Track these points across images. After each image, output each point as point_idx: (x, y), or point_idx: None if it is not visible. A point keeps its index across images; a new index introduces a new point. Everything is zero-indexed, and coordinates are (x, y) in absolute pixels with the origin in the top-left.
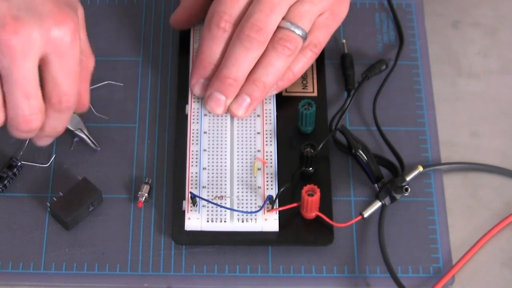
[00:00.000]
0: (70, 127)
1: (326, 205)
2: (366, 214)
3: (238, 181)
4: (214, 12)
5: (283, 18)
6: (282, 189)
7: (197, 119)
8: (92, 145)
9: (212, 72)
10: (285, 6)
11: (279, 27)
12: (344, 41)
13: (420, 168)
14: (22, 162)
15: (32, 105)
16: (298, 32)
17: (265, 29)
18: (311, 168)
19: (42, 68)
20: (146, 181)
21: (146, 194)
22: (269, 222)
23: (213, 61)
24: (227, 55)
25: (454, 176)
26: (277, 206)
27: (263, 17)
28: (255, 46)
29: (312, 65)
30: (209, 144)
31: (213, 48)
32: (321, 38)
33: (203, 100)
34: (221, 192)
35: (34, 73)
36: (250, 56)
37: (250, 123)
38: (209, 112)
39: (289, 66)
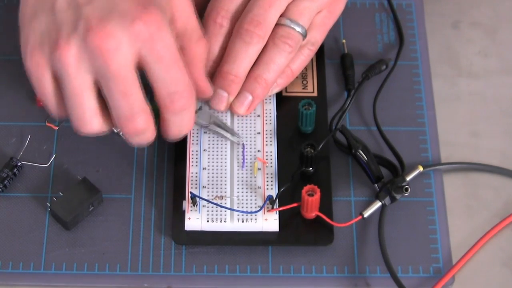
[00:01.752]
0: (202, 122)
1: (326, 205)
2: (366, 214)
3: (238, 181)
4: (212, 8)
5: (282, 15)
6: (282, 189)
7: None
8: (232, 138)
9: (212, 70)
10: (284, 3)
11: (279, 24)
12: (344, 41)
13: (420, 168)
14: (22, 162)
15: (131, 103)
16: (298, 29)
17: (264, 23)
18: (311, 168)
19: (145, 73)
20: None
21: None
22: (269, 222)
23: (213, 58)
24: (228, 51)
25: (454, 176)
26: (277, 206)
27: (262, 12)
28: (255, 40)
29: (312, 65)
30: (209, 144)
31: (212, 45)
32: (318, 37)
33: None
34: (221, 192)
35: (129, 71)
36: (250, 51)
37: (250, 123)
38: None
39: (288, 64)
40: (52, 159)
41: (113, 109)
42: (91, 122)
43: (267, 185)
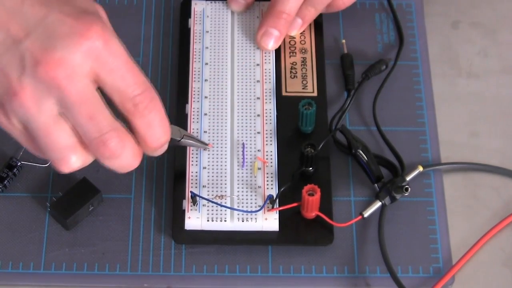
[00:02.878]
0: (175, 139)
1: (326, 205)
2: (366, 214)
3: (238, 180)
4: None
5: None
6: (282, 189)
7: (197, 118)
8: (203, 146)
9: None
10: None
11: None
12: (344, 41)
13: (420, 168)
14: (22, 162)
15: (99, 124)
16: None
17: None
18: (311, 168)
19: (100, 85)
20: None
21: None
22: (269, 222)
23: None
24: None
25: (454, 176)
26: (277, 206)
27: None
28: None
29: (312, 65)
30: (208, 143)
31: None
32: None
33: (203, 99)
34: (221, 191)
35: (90, 92)
36: None
37: (250, 123)
38: (209, 111)
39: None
40: None
41: (83, 136)
42: (70, 158)
43: (267, 184)
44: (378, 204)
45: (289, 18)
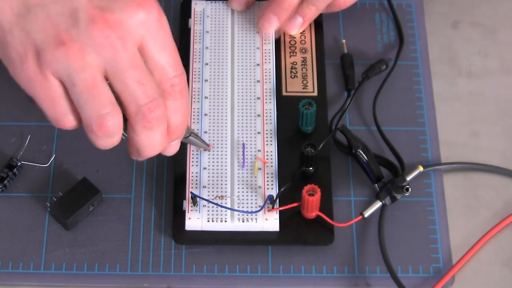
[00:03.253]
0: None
1: (326, 205)
2: (367, 214)
3: (238, 181)
4: None
5: None
6: (282, 189)
7: (197, 119)
8: (205, 146)
9: None
10: None
11: None
12: (344, 41)
13: (421, 168)
14: (22, 162)
15: (148, 91)
16: None
17: None
18: (311, 168)
19: (144, 58)
20: None
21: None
22: (270, 222)
23: None
24: None
25: (454, 176)
26: (278, 206)
27: None
28: None
29: (312, 65)
30: (209, 144)
31: None
32: None
33: (203, 100)
34: (221, 192)
35: (139, 59)
36: None
37: (251, 123)
38: (209, 112)
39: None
40: (52, 159)
41: (130, 102)
42: (109, 118)
43: (268, 185)
44: (378, 204)
45: (289, 8)
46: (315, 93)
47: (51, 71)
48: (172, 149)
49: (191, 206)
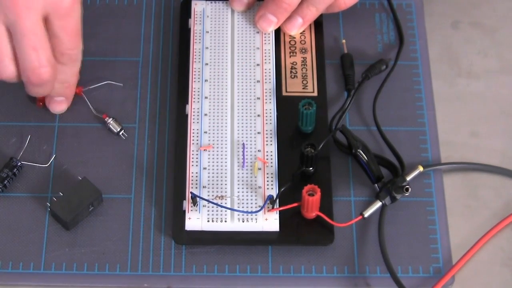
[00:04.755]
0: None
1: (326, 205)
2: (367, 214)
3: (238, 181)
4: None
5: None
6: (282, 189)
7: (197, 119)
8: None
9: None
10: None
11: None
12: (344, 41)
13: (421, 168)
14: (22, 162)
15: (40, 56)
16: None
17: None
18: (311, 168)
19: (46, 26)
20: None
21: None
22: (270, 222)
23: None
24: None
25: (454, 176)
26: (278, 206)
27: None
28: None
29: (312, 65)
30: (209, 144)
31: None
32: None
33: (203, 100)
34: (221, 192)
35: (39, 27)
36: None
37: (251, 123)
38: (209, 112)
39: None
40: (52, 159)
41: (22, 60)
42: (8, 66)
43: (268, 185)
44: (378, 204)
45: (289, 8)
46: (315, 93)
47: None
48: (56, 106)
49: (191, 206)
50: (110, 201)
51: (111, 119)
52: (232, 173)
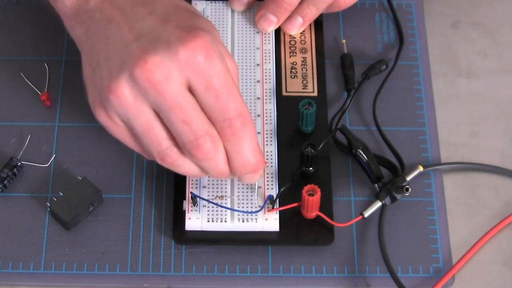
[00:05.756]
0: None
1: (326, 205)
2: (367, 214)
3: (238, 181)
4: None
5: None
6: (282, 189)
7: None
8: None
9: None
10: None
11: None
12: (344, 41)
13: (421, 168)
14: (22, 162)
15: (193, 129)
16: None
17: None
18: (311, 168)
19: (195, 97)
20: None
21: None
22: (270, 222)
23: None
24: None
25: (454, 176)
26: (278, 206)
27: None
28: None
29: (312, 65)
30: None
31: None
32: None
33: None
34: (221, 192)
35: (185, 98)
36: None
37: None
38: None
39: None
40: (52, 159)
41: (178, 138)
42: (172, 153)
43: (268, 185)
44: (378, 204)
45: (289, 8)
46: (315, 93)
47: (116, 117)
48: (247, 180)
49: (191, 206)
50: (110, 201)
51: None
52: None
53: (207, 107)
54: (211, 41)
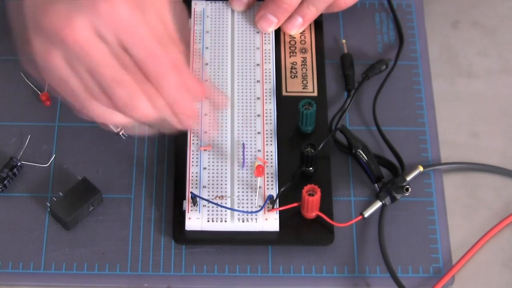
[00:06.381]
0: None
1: (326, 205)
2: (367, 214)
3: (238, 181)
4: None
5: None
6: (282, 189)
7: (197, 118)
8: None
9: None
10: None
11: None
12: (344, 41)
13: (421, 168)
14: (22, 162)
15: (126, 88)
16: None
17: None
18: (311, 168)
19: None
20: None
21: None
22: (270, 222)
23: None
24: None
25: (454, 176)
26: (278, 206)
27: None
28: None
29: (312, 65)
30: (209, 144)
31: None
32: None
33: (202, 100)
34: (221, 192)
35: (111, 58)
36: None
37: (251, 123)
38: (209, 112)
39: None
40: (52, 159)
41: (112, 100)
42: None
43: (268, 185)
44: (378, 204)
45: (289, 9)
46: (315, 93)
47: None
48: (182, 124)
49: (191, 206)
50: (110, 201)
51: None
52: (232, 173)
53: (139, 61)
54: None
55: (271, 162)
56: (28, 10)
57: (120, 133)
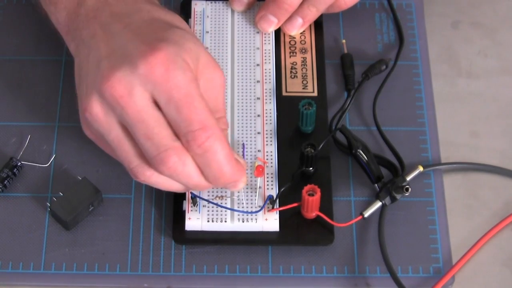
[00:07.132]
0: None
1: (326, 205)
2: (367, 214)
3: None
4: None
5: None
6: (282, 189)
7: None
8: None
9: None
10: None
11: None
12: (344, 41)
13: (421, 168)
14: (22, 162)
15: (156, 144)
16: None
17: None
18: (311, 168)
19: (163, 113)
20: None
21: None
22: (270, 222)
23: None
24: None
25: (454, 176)
26: (278, 206)
27: None
28: None
29: (312, 65)
30: None
31: None
32: None
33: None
34: (221, 192)
35: (146, 112)
36: None
37: (251, 123)
38: None
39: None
40: (52, 159)
41: (145, 154)
42: (144, 170)
43: (268, 185)
44: (378, 204)
45: (289, 9)
46: (315, 93)
47: (90, 131)
48: (231, 189)
49: (191, 206)
50: (110, 201)
51: None
52: None
53: (171, 120)
54: (173, 54)
55: (271, 162)
56: (83, 71)
57: None
